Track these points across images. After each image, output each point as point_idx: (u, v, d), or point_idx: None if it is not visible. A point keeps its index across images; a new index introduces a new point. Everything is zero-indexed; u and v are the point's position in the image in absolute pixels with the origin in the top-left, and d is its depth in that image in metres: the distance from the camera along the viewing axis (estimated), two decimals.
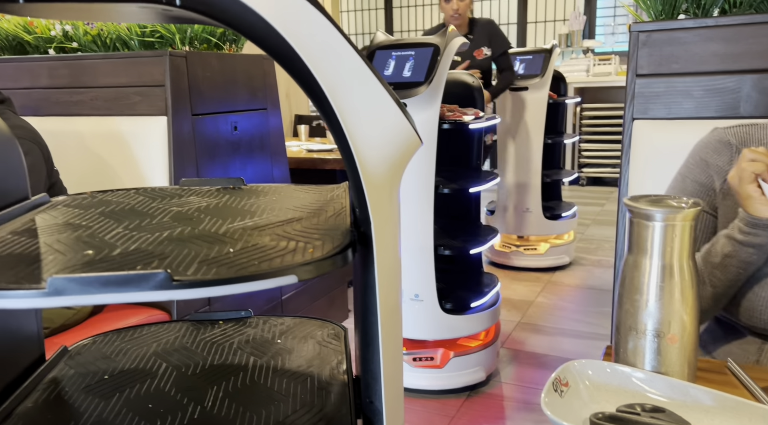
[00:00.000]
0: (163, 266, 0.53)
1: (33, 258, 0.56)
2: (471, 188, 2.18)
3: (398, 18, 7.93)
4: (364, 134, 0.60)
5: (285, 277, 0.53)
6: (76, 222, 0.68)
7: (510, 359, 2.40)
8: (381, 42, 2.10)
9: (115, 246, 0.59)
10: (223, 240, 0.62)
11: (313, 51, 0.54)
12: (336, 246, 0.59)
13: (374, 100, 0.61)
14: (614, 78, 5.64)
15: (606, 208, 4.98)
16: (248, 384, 0.75)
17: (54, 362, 0.79)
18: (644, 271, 0.66)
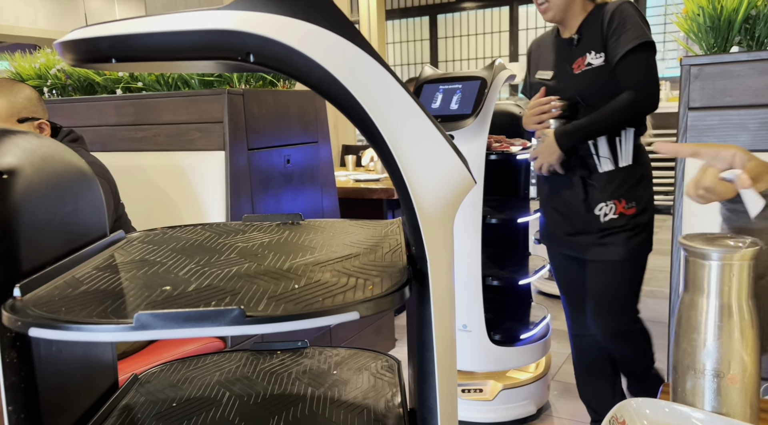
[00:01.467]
0: (235, 302, 0.57)
1: (117, 293, 0.60)
2: (519, 218, 2.18)
3: (443, 48, 8.04)
4: (421, 177, 0.63)
5: (348, 314, 0.56)
6: (151, 258, 0.73)
7: (561, 392, 2.34)
8: (429, 76, 2.15)
9: (189, 282, 0.63)
10: (288, 276, 0.65)
11: (376, 103, 0.58)
12: (394, 283, 0.62)
13: (431, 146, 0.64)
14: (665, 104, 5.54)
15: (659, 236, 4.84)
16: (307, 415, 0.77)
17: (126, 389, 0.83)
18: (701, 311, 0.66)
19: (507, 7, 7.51)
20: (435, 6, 7.96)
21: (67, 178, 0.76)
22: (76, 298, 0.59)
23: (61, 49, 0.59)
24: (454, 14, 7.90)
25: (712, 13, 1.22)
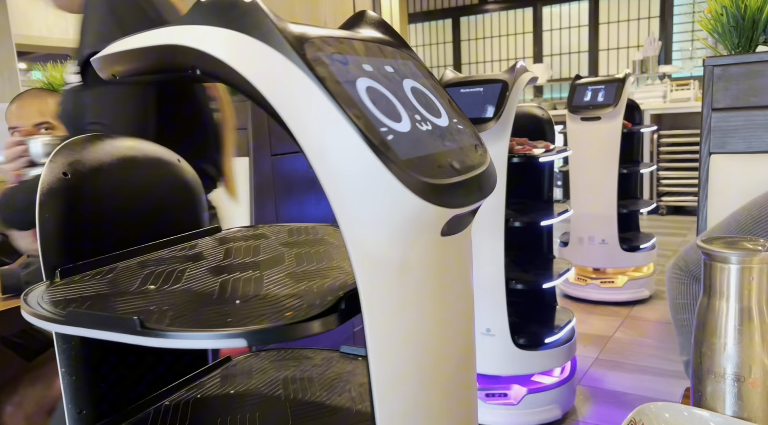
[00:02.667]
0: (156, 312, 0.59)
1: (110, 289, 0.63)
2: (543, 221, 2.17)
3: (466, 50, 8.02)
4: (349, 202, 0.55)
5: (234, 340, 0.54)
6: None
7: (588, 397, 2.32)
8: (450, 79, 2.15)
9: (148, 290, 0.65)
10: (241, 290, 0.66)
11: (299, 117, 0.55)
12: (305, 315, 0.56)
13: (360, 167, 0.54)
14: (693, 103, 5.44)
15: (688, 238, 4.76)
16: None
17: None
18: (721, 314, 0.65)
19: (530, 8, 7.46)
20: (458, 8, 7.95)
21: (150, 176, 0.84)
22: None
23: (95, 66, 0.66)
24: (477, 16, 7.87)
25: (735, 12, 1.20)
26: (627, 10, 6.89)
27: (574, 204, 3.32)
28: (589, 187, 3.32)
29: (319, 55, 0.58)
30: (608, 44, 7.09)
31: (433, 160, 0.59)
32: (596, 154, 3.28)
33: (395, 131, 0.58)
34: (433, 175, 0.58)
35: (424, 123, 0.63)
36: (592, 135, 3.27)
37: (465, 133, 0.69)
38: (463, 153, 0.65)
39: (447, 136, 0.65)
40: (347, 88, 0.57)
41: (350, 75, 0.60)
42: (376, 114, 0.58)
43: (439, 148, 0.62)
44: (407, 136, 0.59)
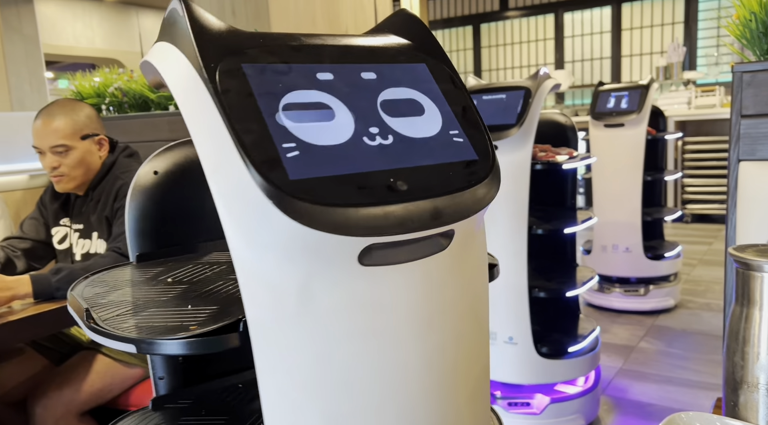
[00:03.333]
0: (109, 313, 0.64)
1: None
2: (566, 228, 2.15)
3: (486, 57, 8.01)
4: (237, 229, 0.54)
5: (125, 345, 0.58)
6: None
7: (612, 407, 2.29)
8: (472, 87, 2.15)
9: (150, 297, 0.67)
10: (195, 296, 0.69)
11: (196, 128, 0.56)
12: (199, 334, 0.56)
13: (242, 192, 0.52)
14: (719, 110, 5.36)
15: (714, 246, 4.68)
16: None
17: None
18: (754, 323, 0.64)
19: (552, 14, 7.44)
20: (478, 15, 7.94)
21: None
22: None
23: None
24: (497, 23, 7.86)
25: (765, 18, 1.18)
26: (650, 15, 6.83)
27: (598, 211, 3.29)
28: (613, 195, 3.29)
29: (241, 65, 0.56)
30: (631, 50, 7.02)
31: (353, 179, 0.54)
32: (620, 161, 3.24)
33: (311, 147, 0.55)
34: (340, 197, 0.53)
35: (380, 137, 0.59)
36: (616, 142, 3.24)
37: (458, 147, 0.62)
38: (428, 171, 0.58)
39: (417, 150, 0.59)
40: (261, 100, 0.55)
41: (280, 86, 0.57)
42: (286, 128, 0.55)
43: (377, 165, 0.56)
44: (329, 151, 0.55)
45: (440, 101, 0.65)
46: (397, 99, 0.63)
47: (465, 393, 0.64)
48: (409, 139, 0.60)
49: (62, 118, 1.62)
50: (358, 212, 0.52)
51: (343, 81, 0.61)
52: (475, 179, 0.60)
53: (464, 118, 0.65)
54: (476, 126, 0.65)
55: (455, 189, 0.58)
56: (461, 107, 0.66)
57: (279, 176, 0.51)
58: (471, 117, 0.66)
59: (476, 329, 0.64)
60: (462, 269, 0.62)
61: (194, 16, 0.58)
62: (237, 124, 0.52)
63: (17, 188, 2.36)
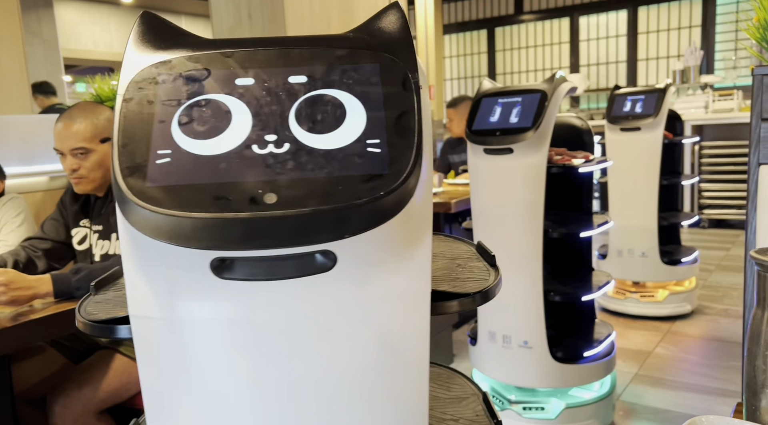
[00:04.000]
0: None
1: None
2: (582, 232, 2.14)
3: (501, 61, 7.99)
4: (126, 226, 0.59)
5: None
6: None
7: (627, 413, 2.27)
8: (487, 90, 2.15)
9: None
10: None
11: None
12: None
13: (118, 197, 0.56)
14: (737, 114, 5.30)
15: (732, 252, 4.62)
16: None
17: None
18: None
19: (567, 17, 7.41)
20: (493, 19, 7.93)
21: None
22: None
23: None
24: (512, 26, 7.85)
25: None
26: (667, 19, 6.78)
27: (613, 216, 3.27)
28: (629, 199, 3.26)
29: (157, 74, 0.59)
30: (647, 54, 6.97)
31: (214, 188, 0.53)
32: (636, 165, 3.22)
33: (186, 155, 0.55)
34: (186, 206, 0.51)
35: (274, 145, 0.56)
36: (632, 146, 3.22)
37: (367, 159, 0.55)
38: (312, 184, 0.53)
39: (312, 161, 0.55)
40: (159, 107, 0.57)
41: (186, 93, 0.58)
42: (171, 136, 0.56)
43: (254, 176, 0.54)
44: (204, 160, 0.55)
45: (375, 106, 0.59)
46: (320, 104, 0.59)
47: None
48: (308, 148, 0.56)
49: (82, 121, 1.65)
50: (197, 223, 0.51)
51: (262, 86, 0.59)
52: (366, 196, 0.53)
53: (397, 125, 0.58)
54: (408, 135, 0.57)
55: (332, 206, 0.52)
56: (399, 113, 0.58)
57: (136, 182, 0.53)
58: (406, 124, 0.58)
59: (386, 364, 0.58)
60: (359, 297, 0.57)
61: (143, 28, 0.62)
62: (123, 131, 0.56)
63: (37, 189, 2.40)
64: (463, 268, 0.82)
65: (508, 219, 2.00)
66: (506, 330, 2.04)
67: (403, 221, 0.56)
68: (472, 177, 2.10)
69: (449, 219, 3.18)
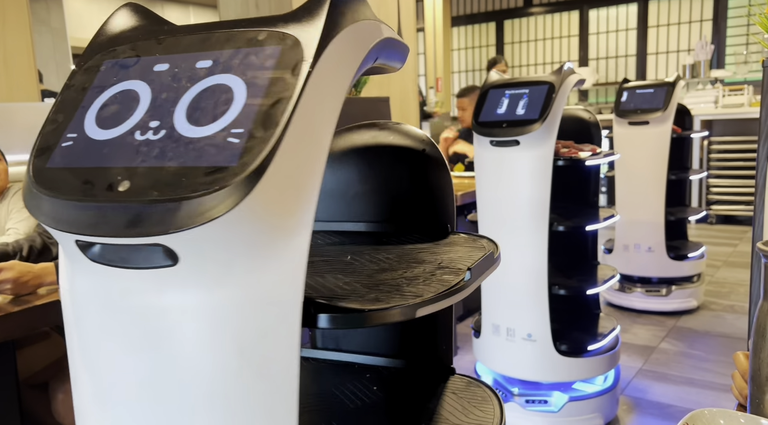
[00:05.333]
0: None
1: None
2: (588, 226, 2.13)
3: (509, 53, 7.95)
4: None
5: None
6: None
7: (631, 407, 2.26)
8: (495, 81, 2.13)
9: None
10: None
11: None
12: None
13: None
14: (747, 109, 5.25)
15: (739, 248, 4.59)
16: None
17: None
18: None
19: (577, 11, 7.35)
20: (502, 11, 7.88)
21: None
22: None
23: None
24: (521, 19, 7.79)
25: None
26: (678, 13, 6.71)
27: (620, 210, 3.25)
28: (636, 193, 3.24)
29: (102, 61, 0.62)
30: (657, 48, 6.91)
31: (87, 173, 0.54)
32: (644, 159, 3.20)
33: (87, 139, 0.57)
34: (61, 189, 0.54)
35: (153, 132, 0.55)
36: (640, 140, 3.20)
37: (222, 150, 0.52)
38: (163, 174, 0.52)
39: (174, 149, 0.54)
40: (89, 94, 0.60)
41: (114, 80, 0.60)
42: (84, 120, 0.59)
43: (123, 162, 0.54)
44: (97, 144, 0.56)
45: (257, 92, 0.55)
46: (211, 90, 0.57)
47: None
48: (177, 136, 0.54)
49: None
50: (63, 206, 0.53)
51: (172, 71, 0.59)
52: (200, 189, 0.50)
53: (267, 114, 0.53)
54: (273, 125, 0.52)
55: (164, 198, 0.50)
56: (275, 100, 0.54)
57: (40, 162, 0.57)
58: (276, 113, 0.53)
59: (241, 375, 0.55)
60: (206, 298, 0.54)
61: (115, 19, 0.65)
62: (52, 115, 0.60)
63: None
64: (430, 279, 0.74)
65: (513, 211, 1.99)
66: (510, 323, 2.04)
67: (252, 221, 0.51)
68: (477, 169, 2.09)
69: (459, 209, 3.17)
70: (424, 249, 0.89)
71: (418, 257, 0.84)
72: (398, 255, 0.86)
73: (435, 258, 0.83)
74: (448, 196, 1.00)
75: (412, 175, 1.02)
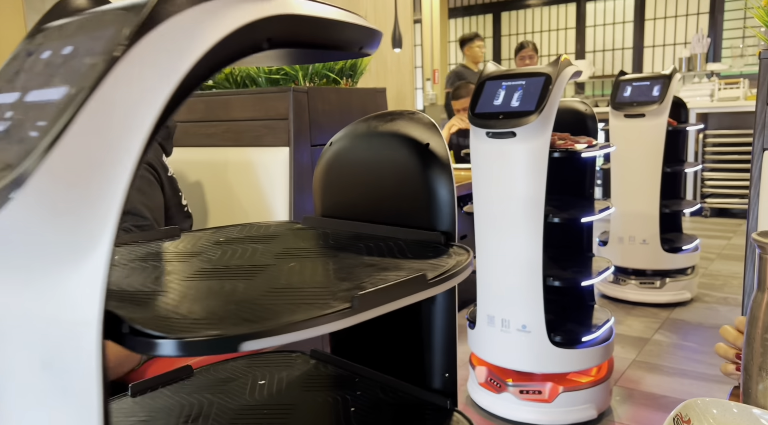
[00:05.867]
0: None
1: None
2: (583, 218, 2.14)
3: (506, 46, 7.93)
4: None
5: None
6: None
7: (624, 398, 2.28)
8: (491, 72, 2.13)
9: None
10: None
11: None
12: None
13: None
14: (742, 103, 5.27)
15: (733, 241, 4.62)
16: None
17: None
18: None
19: (574, 3, 7.33)
20: (499, 3, 7.86)
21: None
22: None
23: None
24: (518, 11, 7.77)
25: None
26: (675, 6, 6.71)
27: (615, 202, 3.26)
28: (631, 186, 3.25)
29: (18, 51, 0.59)
30: (654, 41, 6.91)
31: None
32: (639, 151, 3.20)
33: None
34: None
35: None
36: (636, 132, 3.20)
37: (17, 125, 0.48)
38: None
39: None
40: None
41: (22, 64, 0.57)
42: None
43: None
44: None
45: (63, 80, 0.49)
46: (35, 75, 0.52)
47: None
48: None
49: None
50: None
51: (23, 58, 0.57)
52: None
53: (55, 105, 0.46)
54: (55, 118, 0.45)
55: None
56: (70, 90, 0.47)
57: None
58: (61, 105, 0.46)
59: (44, 391, 0.47)
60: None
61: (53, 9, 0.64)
62: None
63: None
64: (314, 301, 0.57)
65: (509, 203, 1.99)
66: (505, 314, 2.05)
67: (24, 226, 0.44)
68: (473, 161, 2.09)
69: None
70: (374, 263, 0.70)
71: (353, 273, 0.66)
72: (342, 267, 0.69)
73: (361, 274, 0.65)
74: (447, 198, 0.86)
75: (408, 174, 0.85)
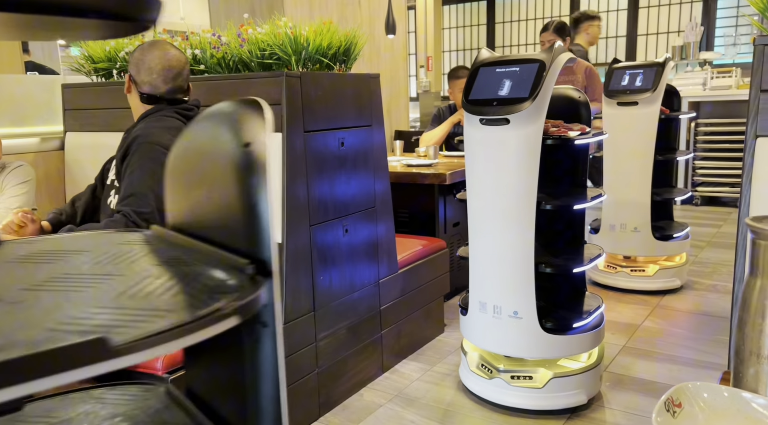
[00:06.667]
0: None
1: None
2: (575, 205, 2.14)
3: (500, 33, 7.89)
4: None
5: None
6: None
7: (614, 384, 2.30)
8: (485, 59, 2.12)
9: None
10: None
11: None
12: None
13: None
14: (735, 91, 5.28)
15: (723, 229, 4.65)
16: None
17: None
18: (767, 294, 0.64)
19: None
20: None
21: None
22: None
23: None
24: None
25: None
26: None
27: (607, 190, 3.27)
28: (624, 174, 3.26)
29: None
30: (647, 29, 6.90)
31: None
32: (632, 139, 3.21)
33: None
34: None
35: None
36: (629, 120, 3.20)
37: None
38: None
39: None
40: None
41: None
42: None
43: None
44: None
45: None
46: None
47: None
48: None
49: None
50: None
51: None
52: None
53: None
54: None
55: None
56: None
57: None
58: None
59: None
60: None
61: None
62: None
63: (29, 151, 2.37)
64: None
65: (502, 190, 2.00)
66: (497, 301, 2.06)
67: None
68: (467, 148, 2.08)
69: (444, 191, 3.17)
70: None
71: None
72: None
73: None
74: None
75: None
